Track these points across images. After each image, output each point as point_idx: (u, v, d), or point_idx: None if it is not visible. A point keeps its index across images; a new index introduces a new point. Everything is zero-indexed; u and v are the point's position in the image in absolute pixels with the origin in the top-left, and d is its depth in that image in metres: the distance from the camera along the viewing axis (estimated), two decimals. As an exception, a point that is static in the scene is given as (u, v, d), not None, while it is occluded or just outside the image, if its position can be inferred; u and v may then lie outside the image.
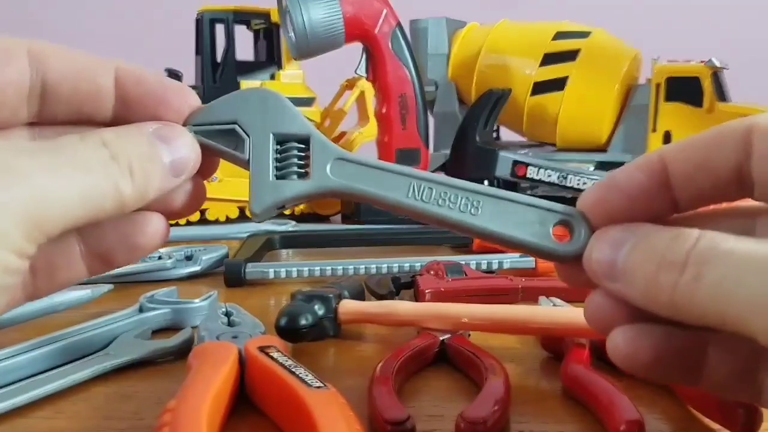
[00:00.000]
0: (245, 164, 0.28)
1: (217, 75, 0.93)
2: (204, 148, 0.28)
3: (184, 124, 0.28)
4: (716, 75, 0.91)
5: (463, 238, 0.67)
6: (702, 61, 0.91)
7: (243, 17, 0.96)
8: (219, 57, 0.94)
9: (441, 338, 0.40)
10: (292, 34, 0.79)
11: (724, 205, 0.26)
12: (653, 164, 0.26)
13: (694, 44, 1.03)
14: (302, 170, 0.29)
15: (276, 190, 0.28)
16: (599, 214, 0.26)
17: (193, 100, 0.28)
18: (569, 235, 0.27)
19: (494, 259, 0.59)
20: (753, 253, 0.21)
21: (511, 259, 0.58)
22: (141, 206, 0.25)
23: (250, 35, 1.02)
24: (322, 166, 0.29)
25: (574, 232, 0.27)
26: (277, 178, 0.28)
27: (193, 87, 0.96)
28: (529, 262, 0.58)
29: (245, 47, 1.00)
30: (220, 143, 0.28)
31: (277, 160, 0.29)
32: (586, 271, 0.26)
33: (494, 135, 1.03)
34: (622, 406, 0.30)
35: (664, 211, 0.26)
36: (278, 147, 0.29)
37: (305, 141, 0.29)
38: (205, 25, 0.94)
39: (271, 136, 0.28)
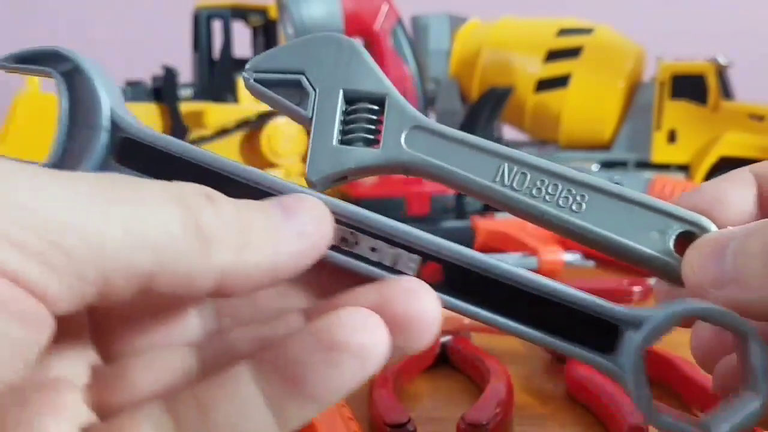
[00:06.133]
0: (307, 122, 0.24)
1: (214, 72, 0.92)
2: (263, 98, 0.24)
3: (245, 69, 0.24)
4: (721, 72, 0.90)
5: (464, 238, 0.66)
6: (708, 59, 0.90)
7: (241, 13, 0.96)
8: (217, 54, 0.93)
9: (442, 340, 0.39)
10: (291, 29, 0.78)
11: None
12: (747, 180, 0.23)
13: (699, 41, 1.03)
14: (371, 136, 0.25)
15: (337, 158, 0.24)
16: None
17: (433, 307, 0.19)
18: None
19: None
20: None
21: (512, 259, 0.58)
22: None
23: (248, 32, 1.01)
24: (396, 134, 0.24)
25: None
26: (341, 143, 0.24)
27: (189, 84, 0.97)
28: (532, 262, 0.57)
29: (243, 44, 1.00)
30: (281, 95, 0.24)
31: (343, 122, 0.24)
32: (686, 284, 0.21)
33: (496, 133, 1.02)
34: (627, 409, 0.30)
35: None
36: (347, 107, 0.25)
37: (379, 102, 0.25)
38: (202, 22, 0.94)
39: (341, 92, 0.24)
